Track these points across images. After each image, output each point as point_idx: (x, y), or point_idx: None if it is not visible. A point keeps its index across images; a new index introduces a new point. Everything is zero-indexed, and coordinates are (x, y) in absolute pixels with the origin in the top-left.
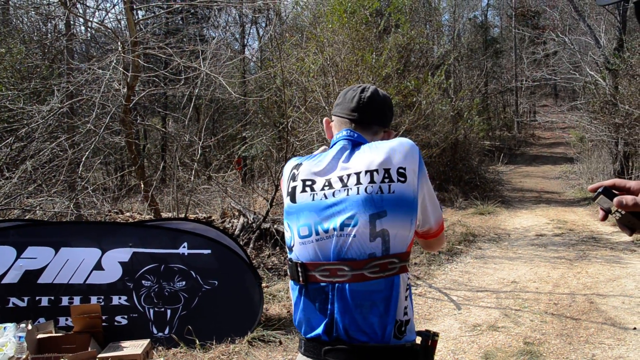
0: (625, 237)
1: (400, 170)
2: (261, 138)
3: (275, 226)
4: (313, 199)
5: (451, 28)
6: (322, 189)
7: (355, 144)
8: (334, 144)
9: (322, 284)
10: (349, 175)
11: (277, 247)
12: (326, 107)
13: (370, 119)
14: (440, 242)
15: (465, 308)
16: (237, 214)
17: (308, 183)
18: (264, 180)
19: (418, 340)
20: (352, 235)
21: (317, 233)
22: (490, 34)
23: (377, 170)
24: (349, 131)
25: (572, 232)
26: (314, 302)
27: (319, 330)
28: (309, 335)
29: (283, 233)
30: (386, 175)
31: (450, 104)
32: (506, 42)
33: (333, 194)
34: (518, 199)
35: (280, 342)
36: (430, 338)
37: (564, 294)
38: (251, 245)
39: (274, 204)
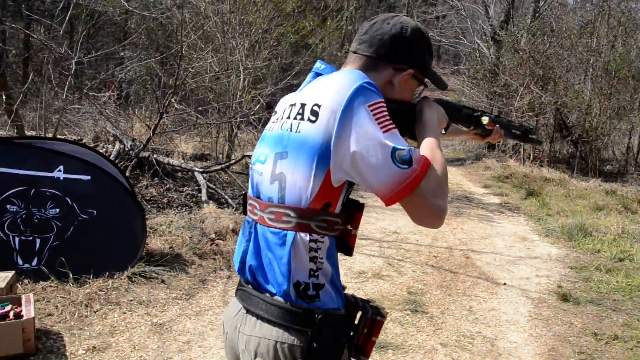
0: (494, 199)
1: (314, 108)
2: (144, 61)
3: (155, 156)
4: (267, 130)
5: None
6: (271, 122)
7: (318, 75)
8: None
9: (248, 218)
10: (284, 109)
11: (156, 178)
12: (219, 36)
13: (365, 48)
14: (417, 214)
15: None
16: (112, 139)
17: (273, 113)
18: (141, 106)
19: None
20: (260, 173)
21: (253, 164)
22: None
23: (294, 105)
24: (319, 62)
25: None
26: (243, 236)
27: (237, 266)
28: (236, 269)
29: (164, 164)
30: (300, 112)
31: (343, 50)
32: None
33: (271, 128)
34: None
35: (163, 280)
36: (369, 313)
37: (442, 248)
38: (127, 174)
39: (156, 132)
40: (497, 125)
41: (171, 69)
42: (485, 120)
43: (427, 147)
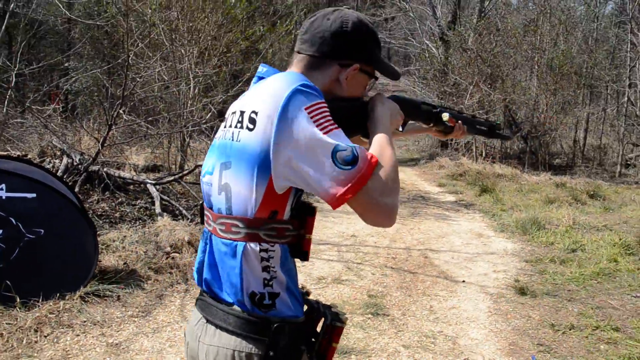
0: (450, 197)
1: (252, 115)
2: (90, 71)
3: (105, 169)
4: (216, 139)
5: None
6: (220, 130)
7: (261, 79)
8: None
9: (205, 229)
10: (228, 117)
11: (107, 192)
12: (167, 44)
13: (307, 48)
14: (365, 215)
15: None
16: (59, 153)
17: (224, 121)
18: (88, 118)
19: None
20: (209, 184)
21: (203, 176)
22: None
23: (235, 112)
24: (262, 66)
25: (403, 190)
26: (200, 246)
27: (195, 277)
28: (195, 280)
29: (115, 177)
30: (240, 120)
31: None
32: (349, 0)
33: (219, 137)
34: None
35: (119, 297)
36: (328, 320)
37: (400, 249)
38: (77, 189)
39: (105, 144)
40: (460, 122)
41: (118, 79)
42: (445, 116)
43: (377, 144)
